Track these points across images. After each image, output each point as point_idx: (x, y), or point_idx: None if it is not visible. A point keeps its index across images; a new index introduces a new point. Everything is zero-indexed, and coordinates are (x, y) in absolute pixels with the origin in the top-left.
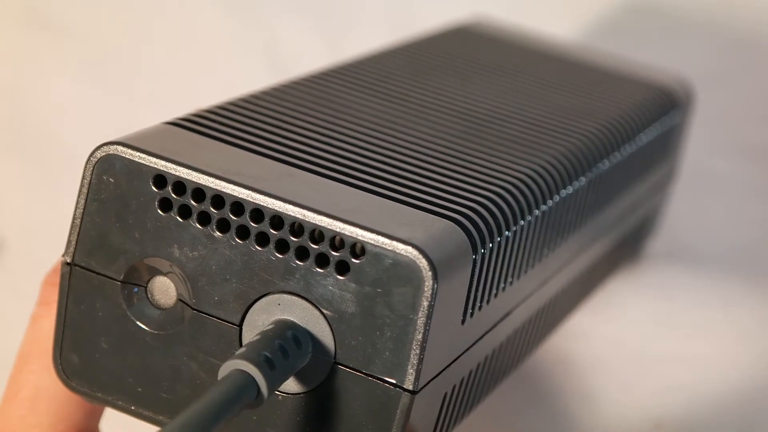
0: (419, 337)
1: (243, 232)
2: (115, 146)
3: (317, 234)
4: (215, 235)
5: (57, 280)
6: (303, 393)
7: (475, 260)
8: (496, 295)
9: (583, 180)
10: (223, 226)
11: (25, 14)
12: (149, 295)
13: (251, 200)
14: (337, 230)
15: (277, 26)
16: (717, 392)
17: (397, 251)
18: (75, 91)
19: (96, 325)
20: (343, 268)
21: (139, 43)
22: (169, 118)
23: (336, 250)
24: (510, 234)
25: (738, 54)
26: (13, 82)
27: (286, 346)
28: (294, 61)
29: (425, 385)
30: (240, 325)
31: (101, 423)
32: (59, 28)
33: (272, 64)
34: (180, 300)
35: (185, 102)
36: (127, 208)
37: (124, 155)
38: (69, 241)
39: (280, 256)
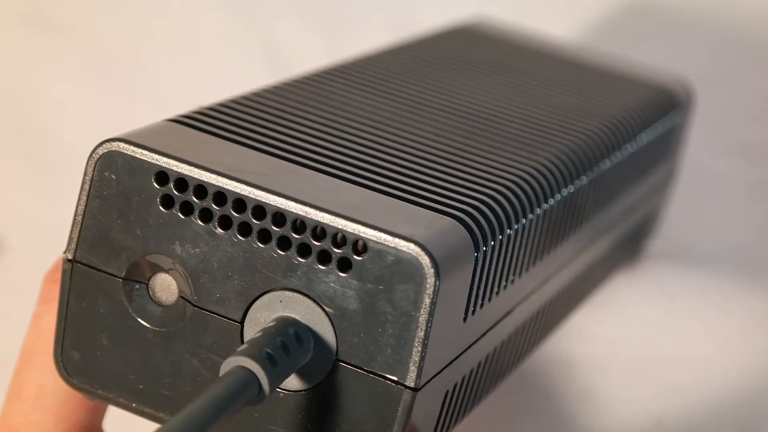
0: (421, 334)
1: (245, 229)
2: (117, 143)
3: (319, 231)
4: (217, 231)
5: (58, 277)
6: (304, 390)
7: (477, 258)
8: (497, 293)
9: (584, 179)
10: (225, 222)
11: (25, 14)
12: (151, 292)
13: (253, 197)
14: (339, 227)
15: (277, 26)
16: (717, 392)
17: (400, 248)
18: (75, 90)
19: (97, 322)
20: (345, 265)
21: (139, 42)
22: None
23: (338, 247)
24: (512, 232)
25: (737, 54)
26: (13, 82)
27: (288, 343)
28: (294, 61)
29: (427, 383)
30: (241, 322)
31: (104, 422)
32: (59, 28)
33: (272, 64)
34: (181, 297)
35: (185, 102)
36: (129, 204)
37: (126, 152)
38: (70, 238)
39: (282, 253)
